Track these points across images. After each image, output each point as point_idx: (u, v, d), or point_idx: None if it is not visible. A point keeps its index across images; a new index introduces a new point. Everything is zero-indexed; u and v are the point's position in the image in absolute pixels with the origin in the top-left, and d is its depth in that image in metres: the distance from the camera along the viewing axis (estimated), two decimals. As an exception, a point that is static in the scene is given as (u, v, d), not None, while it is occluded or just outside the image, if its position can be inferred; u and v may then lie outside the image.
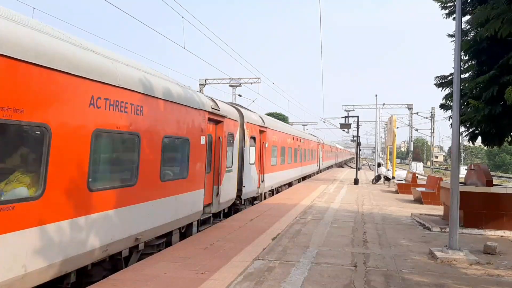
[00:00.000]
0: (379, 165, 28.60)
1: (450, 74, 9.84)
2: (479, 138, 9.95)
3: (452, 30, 9.68)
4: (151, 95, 7.22)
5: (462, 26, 8.63)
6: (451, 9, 9.48)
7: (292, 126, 35.66)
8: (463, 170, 19.70)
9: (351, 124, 28.78)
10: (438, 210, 13.44)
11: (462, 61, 9.33)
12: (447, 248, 7.70)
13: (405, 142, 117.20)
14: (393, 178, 25.41)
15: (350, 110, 42.11)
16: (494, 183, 11.31)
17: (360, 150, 37.62)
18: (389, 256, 7.63)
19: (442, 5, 9.70)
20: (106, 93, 5.98)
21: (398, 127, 33.83)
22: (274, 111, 56.51)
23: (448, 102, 10.15)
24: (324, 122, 56.50)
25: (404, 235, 9.69)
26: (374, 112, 39.51)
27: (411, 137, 47.11)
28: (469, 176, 11.76)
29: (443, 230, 10.07)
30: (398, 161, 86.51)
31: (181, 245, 8.16)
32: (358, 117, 29.00)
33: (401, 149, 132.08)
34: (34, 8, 12.55)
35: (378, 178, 27.03)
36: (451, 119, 8.34)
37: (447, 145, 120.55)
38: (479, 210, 10.30)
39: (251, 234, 9.22)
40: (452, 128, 8.23)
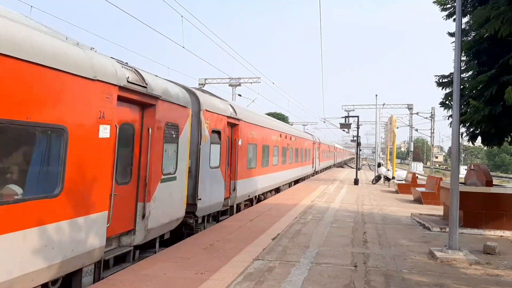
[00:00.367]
0: (379, 165, 28.61)
1: (450, 74, 9.84)
2: (479, 138, 9.96)
3: (452, 30, 9.68)
4: None
5: (462, 27, 8.63)
6: (451, 10, 9.48)
7: (288, 124, 31.69)
8: (463, 170, 19.69)
9: (351, 124, 28.83)
10: (438, 210, 13.45)
11: (462, 61, 9.34)
12: (447, 248, 7.71)
13: (405, 142, 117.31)
14: (393, 178, 25.44)
15: (350, 110, 42.18)
16: (494, 183, 11.32)
17: (360, 150, 37.61)
18: (389, 256, 7.63)
19: (441, 7, 9.71)
20: None
21: (398, 127, 33.85)
22: (274, 111, 56.54)
23: (448, 101, 10.16)
24: (324, 122, 56.59)
25: (404, 235, 9.70)
26: (374, 112, 39.52)
27: (411, 137, 47.20)
28: (469, 176, 11.77)
29: (443, 230, 10.07)
30: (398, 161, 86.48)
31: (181, 245, 8.16)
32: (358, 117, 29.09)
33: (401, 149, 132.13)
34: (32, 6, 12.42)
35: (378, 178, 27.04)
36: (451, 119, 8.35)
37: (447, 145, 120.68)
38: (479, 210, 10.30)
39: (251, 234, 9.23)
40: (452, 128, 8.24)
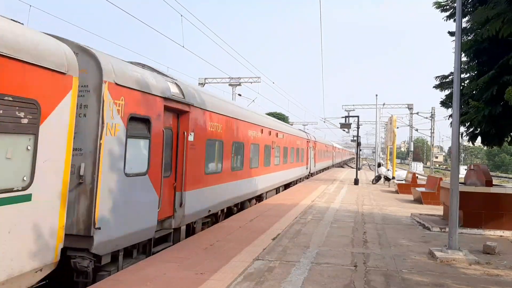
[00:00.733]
0: (379, 165, 28.62)
1: (450, 73, 9.85)
2: (479, 138, 9.97)
3: (452, 29, 9.68)
4: None
5: (463, 27, 8.63)
6: (452, 11, 9.48)
7: (277, 119, 24.20)
8: (463, 170, 19.69)
9: (351, 124, 28.83)
10: (438, 210, 13.45)
11: (462, 62, 9.34)
12: (447, 248, 7.71)
13: (405, 142, 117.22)
14: (393, 178, 25.44)
15: (350, 110, 42.20)
16: (493, 183, 11.33)
17: (360, 150, 37.61)
18: (389, 256, 7.64)
19: (441, 8, 9.71)
20: None
21: (398, 127, 33.86)
22: (274, 111, 56.52)
23: (448, 102, 10.16)
24: (324, 122, 56.53)
25: (404, 235, 9.70)
26: (374, 112, 39.51)
27: (411, 137, 47.22)
28: (468, 176, 11.77)
29: (443, 230, 10.08)
30: (398, 161, 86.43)
31: (181, 245, 8.16)
32: (358, 117, 29.10)
33: (401, 149, 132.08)
34: (30, 5, 12.37)
35: (378, 178, 27.05)
36: (451, 119, 8.36)
37: (447, 145, 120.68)
38: (479, 210, 10.31)
39: (251, 234, 9.23)
40: (452, 128, 8.24)
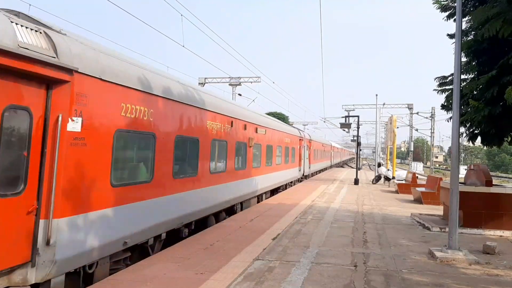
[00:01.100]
0: (379, 165, 28.61)
1: (451, 75, 9.84)
2: (479, 138, 9.97)
3: (452, 30, 9.69)
4: None
5: (463, 27, 8.63)
6: (451, 11, 9.48)
7: (260, 113, 18.74)
8: (463, 170, 19.70)
9: (351, 124, 28.82)
10: (438, 210, 13.46)
11: (462, 62, 9.33)
12: (447, 248, 7.71)
13: (405, 142, 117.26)
14: (393, 178, 25.42)
15: (350, 110, 42.21)
16: (493, 183, 11.33)
17: (360, 150, 37.59)
18: (389, 256, 7.64)
19: (441, 7, 9.70)
20: None
21: (398, 127, 33.89)
22: (274, 111, 56.48)
23: (449, 104, 10.15)
24: (324, 122, 56.47)
25: (404, 235, 9.70)
26: (374, 112, 39.48)
27: (411, 137, 47.21)
28: (468, 176, 11.77)
29: (443, 230, 10.08)
30: (398, 161, 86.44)
31: (180, 245, 8.16)
32: (358, 117, 29.08)
33: (401, 149, 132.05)
34: (30, 4, 12.29)
35: (378, 178, 27.04)
36: (451, 120, 8.35)
37: (447, 145, 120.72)
38: (479, 210, 10.31)
39: (251, 234, 9.23)
40: (452, 128, 8.23)
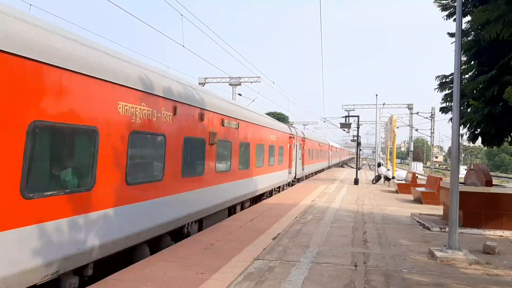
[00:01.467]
0: (379, 165, 28.61)
1: (451, 74, 9.85)
2: (479, 138, 9.98)
3: (452, 29, 9.69)
4: None
5: (463, 27, 8.63)
6: (451, 10, 9.49)
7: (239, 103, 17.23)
8: (463, 170, 19.70)
9: (351, 124, 28.81)
10: (438, 210, 13.46)
11: (463, 62, 9.34)
12: (447, 248, 7.72)
13: (405, 142, 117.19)
14: (393, 178, 25.43)
15: (350, 110, 42.18)
16: (493, 183, 11.33)
17: (360, 150, 37.58)
18: (389, 255, 7.65)
19: (442, 6, 9.72)
20: None
21: (398, 127, 33.85)
22: (274, 111, 56.47)
23: (448, 104, 10.16)
24: (324, 122, 56.35)
25: (404, 235, 9.71)
26: (374, 112, 39.48)
27: (411, 137, 47.19)
28: (468, 176, 11.78)
29: (443, 230, 10.09)
30: (398, 161, 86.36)
31: (181, 245, 8.17)
32: (358, 117, 29.07)
33: (401, 149, 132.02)
34: (30, 4, 12.35)
35: (378, 178, 27.04)
36: (451, 120, 8.36)
37: (447, 145, 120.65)
38: (479, 210, 10.31)
39: (251, 234, 9.23)
40: (452, 128, 8.24)
